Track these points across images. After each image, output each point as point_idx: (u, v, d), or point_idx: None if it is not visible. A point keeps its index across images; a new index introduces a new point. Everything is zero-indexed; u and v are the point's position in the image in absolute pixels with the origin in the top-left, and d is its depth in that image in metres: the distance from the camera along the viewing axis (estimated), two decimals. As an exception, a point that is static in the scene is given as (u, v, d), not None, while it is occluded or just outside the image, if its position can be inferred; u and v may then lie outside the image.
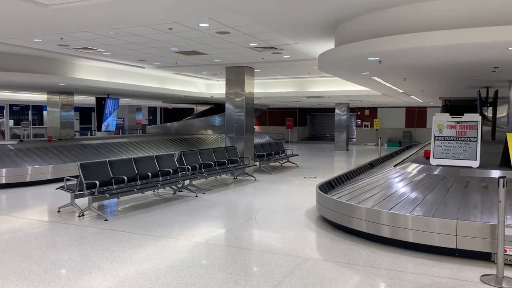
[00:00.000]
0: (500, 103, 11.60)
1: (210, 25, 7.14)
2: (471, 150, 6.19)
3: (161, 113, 35.69)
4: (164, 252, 5.25)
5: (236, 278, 4.40)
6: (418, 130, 27.26)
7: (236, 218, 7.15)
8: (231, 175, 11.88)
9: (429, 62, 6.82)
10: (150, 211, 7.56)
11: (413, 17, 5.72)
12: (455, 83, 10.40)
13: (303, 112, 32.09)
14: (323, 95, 16.98)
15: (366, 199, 6.12)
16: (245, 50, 9.53)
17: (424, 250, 5.20)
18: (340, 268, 4.74)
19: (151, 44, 8.97)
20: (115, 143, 14.35)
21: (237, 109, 12.28)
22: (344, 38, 6.86)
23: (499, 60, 6.52)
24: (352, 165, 14.91)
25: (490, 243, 4.82)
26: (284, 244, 5.63)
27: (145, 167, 8.52)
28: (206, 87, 17.51)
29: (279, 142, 15.78)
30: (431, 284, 4.27)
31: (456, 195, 5.65)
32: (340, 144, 23.43)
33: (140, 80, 13.90)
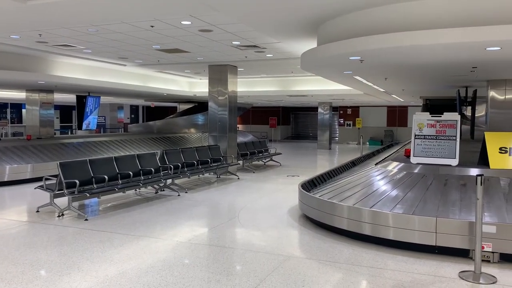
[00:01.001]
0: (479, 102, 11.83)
1: (192, 22, 7.10)
2: (450, 148, 6.29)
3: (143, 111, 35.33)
4: (145, 252, 5.20)
5: (218, 277, 4.38)
6: (399, 129, 27.61)
7: (218, 217, 7.13)
8: (214, 174, 11.84)
9: (409, 62, 6.91)
10: (131, 211, 7.48)
11: (394, 17, 5.77)
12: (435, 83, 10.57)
13: (287, 111, 32.19)
14: (306, 94, 17.06)
15: (347, 197, 6.17)
16: (228, 48, 9.50)
17: (404, 247, 5.27)
18: (322, 266, 4.77)
19: (132, 41, 8.87)
20: (96, 142, 14.16)
21: (220, 108, 12.24)
22: (326, 37, 6.89)
23: (478, 60, 6.64)
24: (335, 163, 15.02)
25: (468, 240, 4.91)
26: (267, 243, 5.63)
27: (126, 166, 8.43)
28: (189, 85, 17.40)
29: (262, 141, 15.80)
30: (411, 281, 4.33)
31: (436, 193, 5.74)
32: (323, 143, 23.58)
33: (121, 78, 13.73)
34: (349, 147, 25.13)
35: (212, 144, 12.30)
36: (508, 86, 9.49)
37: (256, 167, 14.09)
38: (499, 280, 4.36)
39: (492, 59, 6.43)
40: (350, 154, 19.24)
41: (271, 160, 15.21)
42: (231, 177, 11.59)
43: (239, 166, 13.16)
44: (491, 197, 5.44)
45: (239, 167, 13.07)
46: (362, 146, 18.06)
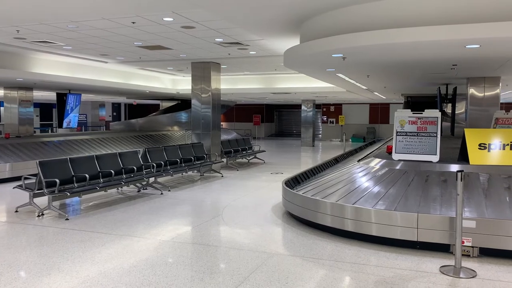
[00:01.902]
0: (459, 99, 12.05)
1: (174, 19, 7.02)
2: (431, 145, 6.37)
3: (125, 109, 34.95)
4: (127, 251, 5.13)
5: (202, 275, 4.36)
6: (381, 126, 27.93)
7: (202, 215, 7.10)
8: (198, 172, 11.78)
9: (391, 59, 6.97)
10: (113, 210, 7.38)
11: (376, 15, 5.81)
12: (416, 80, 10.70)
13: (270, 109, 32.23)
14: (289, 92, 17.09)
15: (330, 193, 6.20)
16: (211, 45, 9.44)
17: (386, 243, 5.33)
18: (305, 262, 4.78)
19: (113, 38, 8.74)
20: (77, 140, 13.94)
21: (204, 105, 12.17)
22: (309, 35, 6.90)
23: (458, 58, 6.74)
24: (318, 160, 15.10)
25: (449, 235, 4.98)
26: (250, 240, 5.62)
27: (108, 165, 8.32)
28: (172, 82, 17.26)
29: (246, 139, 15.77)
30: (393, 276, 4.37)
31: (417, 189, 5.81)
32: (307, 140, 23.69)
33: (102, 75, 13.53)
34: (332, 144, 25.29)
35: (195, 142, 12.22)
36: (487, 84, 9.69)
37: (240, 164, 14.07)
38: (479, 274, 4.44)
39: (471, 56, 6.54)
40: (333, 151, 19.38)
41: (255, 158, 15.21)
42: (215, 175, 11.55)
43: (223, 164, 13.12)
44: (471, 193, 5.53)
45: (222, 165, 13.03)
46: (345, 143, 18.23)
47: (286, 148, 22.23)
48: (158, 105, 24.24)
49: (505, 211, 5.10)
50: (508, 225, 4.82)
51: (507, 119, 7.70)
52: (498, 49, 5.86)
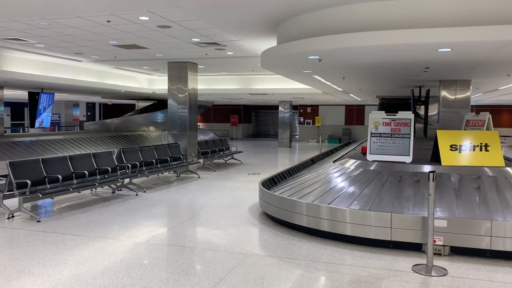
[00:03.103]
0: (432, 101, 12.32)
1: (150, 18, 6.95)
2: (405, 146, 6.50)
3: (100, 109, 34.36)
4: (101, 253, 5.05)
5: (177, 277, 4.32)
6: (356, 127, 28.33)
7: (178, 216, 7.04)
8: (174, 173, 11.68)
9: (365, 61, 7.08)
10: (87, 211, 7.25)
11: (352, 17, 5.89)
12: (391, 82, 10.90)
13: (248, 109, 32.25)
14: (267, 93, 17.14)
15: (306, 194, 6.25)
16: (188, 45, 9.38)
17: (361, 242, 5.40)
18: (281, 263, 4.80)
19: (88, 36, 8.58)
20: (50, 140, 13.63)
21: (180, 106, 12.09)
22: (285, 36, 6.95)
23: (430, 61, 6.91)
24: (295, 161, 15.19)
25: (421, 234, 5.09)
26: (227, 241, 5.61)
27: (81, 165, 8.16)
28: (148, 82, 17.07)
29: (223, 139, 15.74)
30: (367, 276, 4.44)
31: (391, 189, 5.92)
32: (284, 141, 23.81)
33: (76, 74, 13.27)
34: (309, 145, 25.49)
35: (171, 142, 12.12)
36: (458, 87, 9.95)
37: (217, 165, 14.03)
38: (450, 272, 4.56)
39: (443, 60, 6.70)
40: (310, 152, 19.54)
41: (232, 158, 15.19)
42: (192, 176, 11.48)
43: (200, 164, 13.05)
44: (443, 193, 5.67)
45: (199, 165, 12.96)
46: (321, 144, 18.40)
47: (264, 148, 22.28)
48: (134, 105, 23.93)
49: (475, 210, 5.25)
50: (478, 224, 4.96)
51: (477, 121, 7.93)
52: (469, 52, 6.03)
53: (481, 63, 7.00)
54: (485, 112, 7.94)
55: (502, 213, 5.15)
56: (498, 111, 25.45)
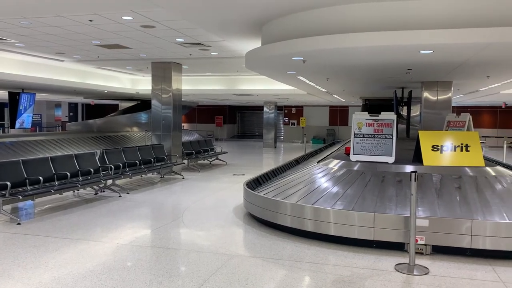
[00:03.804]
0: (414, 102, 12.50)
1: (133, 18, 6.89)
2: (387, 146, 6.58)
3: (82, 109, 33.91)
4: (83, 256, 4.98)
5: (160, 279, 4.29)
6: (340, 128, 28.55)
7: (162, 218, 6.99)
8: (158, 174, 11.59)
9: (348, 63, 7.15)
10: (69, 213, 7.14)
11: (335, 19, 5.94)
12: (374, 83, 11.01)
13: (233, 110, 32.22)
14: (251, 93, 17.16)
15: (291, 194, 6.27)
16: (172, 45, 9.33)
17: (344, 242, 5.44)
18: (265, 263, 4.81)
19: (70, 36, 8.47)
20: (31, 141, 13.38)
21: (164, 106, 12.01)
22: (270, 37, 6.96)
23: (412, 63, 7.00)
24: (280, 161, 15.23)
25: (404, 234, 5.15)
26: (211, 242, 5.59)
27: (63, 167, 8.04)
28: (131, 82, 16.92)
29: (208, 140, 15.69)
30: (350, 275, 4.47)
31: (374, 189, 5.97)
32: (269, 142, 23.86)
33: (58, 74, 13.07)
34: (293, 146, 25.58)
35: (155, 143, 12.03)
36: (440, 88, 10.11)
37: (202, 166, 13.98)
38: (431, 271, 4.62)
39: (425, 61, 6.80)
40: (294, 152, 19.60)
41: (217, 159, 15.14)
42: (176, 177, 11.41)
43: (184, 165, 12.99)
44: (425, 193, 5.75)
45: (184, 166, 12.90)
46: (305, 144, 18.50)
47: (248, 149, 22.28)
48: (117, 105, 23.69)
49: (456, 210, 5.33)
50: (459, 224, 5.04)
51: (458, 122, 8.07)
52: (450, 54, 6.14)
53: (462, 64, 7.12)
54: (465, 113, 8.09)
55: (482, 212, 5.25)
56: (478, 112, 25.93)
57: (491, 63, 7.00)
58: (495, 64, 7.06)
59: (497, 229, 4.96)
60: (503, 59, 6.49)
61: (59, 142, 14.31)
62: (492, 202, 5.45)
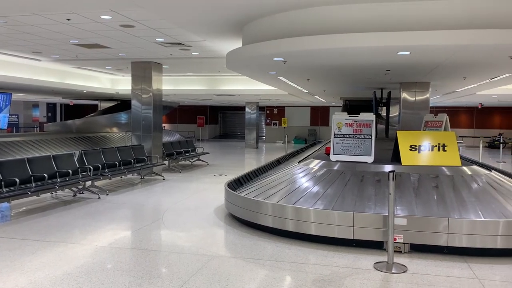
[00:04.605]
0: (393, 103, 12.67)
1: (112, 17, 6.81)
2: (366, 146, 6.66)
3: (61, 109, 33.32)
4: (61, 259, 4.89)
5: (140, 281, 4.25)
6: (321, 128, 28.77)
7: (142, 219, 6.92)
8: (138, 175, 11.48)
9: (328, 64, 7.21)
10: (47, 215, 7.01)
11: (315, 20, 5.98)
12: (353, 84, 11.13)
13: (215, 110, 32.12)
14: (233, 94, 17.14)
15: (272, 194, 6.28)
16: (152, 45, 9.25)
17: (325, 241, 5.48)
18: (246, 264, 4.81)
19: (47, 35, 8.31)
20: (7, 142, 13.09)
21: (144, 106, 11.90)
22: (251, 38, 6.97)
23: (391, 64, 7.10)
24: (261, 162, 15.25)
25: (382, 233, 5.22)
26: (191, 243, 5.57)
27: (40, 168, 7.88)
28: (111, 82, 16.70)
29: (189, 140, 15.61)
30: (330, 274, 4.51)
31: (353, 188, 6.04)
32: (250, 142, 23.87)
33: (35, 73, 12.82)
34: (275, 146, 25.66)
35: (135, 143, 11.91)
36: (418, 89, 10.28)
37: (183, 167, 13.89)
38: (409, 269, 4.69)
39: (403, 63, 6.91)
40: (276, 152, 19.66)
41: (199, 160, 15.08)
42: (156, 178, 11.32)
43: (165, 166, 12.90)
44: (403, 192, 5.84)
45: (164, 167, 12.80)
46: (287, 144, 18.58)
47: (230, 149, 22.25)
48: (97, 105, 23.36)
49: (433, 208, 5.43)
50: (436, 222, 5.14)
51: (435, 122, 8.22)
52: (427, 56, 6.25)
53: (439, 66, 7.26)
54: (442, 114, 8.25)
55: (458, 211, 5.36)
56: (456, 113, 26.47)
57: (467, 65, 7.15)
58: (471, 65, 7.22)
59: (473, 227, 5.07)
60: (478, 60, 6.65)
61: (37, 143, 14.03)
62: (468, 201, 5.57)
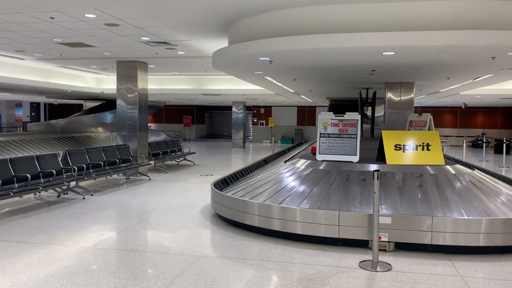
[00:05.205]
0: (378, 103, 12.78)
1: (97, 16, 6.73)
2: (352, 146, 6.70)
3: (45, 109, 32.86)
4: (44, 260, 4.82)
5: (125, 282, 4.21)
6: (308, 127, 28.88)
7: (127, 220, 6.86)
8: (124, 175, 11.38)
9: (313, 63, 7.24)
10: (30, 216, 6.90)
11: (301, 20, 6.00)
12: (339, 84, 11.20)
13: (201, 110, 32.00)
14: (219, 93, 17.09)
15: (258, 194, 6.29)
16: (137, 44, 9.17)
17: (311, 241, 5.51)
18: (232, 263, 4.80)
19: (30, 33, 8.18)
20: (-11, 142, 12.87)
21: (130, 106, 11.79)
22: (237, 37, 6.96)
23: (376, 64, 7.16)
24: (248, 161, 15.25)
25: (368, 231, 5.27)
26: (177, 244, 5.54)
27: (24, 168, 7.76)
28: (96, 81, 16.52)
29: (175, 140, 15.52)
30: (316, 273, 4.53)
31: (339, 188, 6.08)
32: (237, 142, 23.84)
33: (18, 72, 12.60)
34: (262, 146, 25.68)
35: (120, 143, 11.80)
36: (403, 89, 10.38)
37: (169, 167, 13.82)
38: (394, 267, 4.74)
39: (388, 63, 6.97)
40: (263, 152, 19.68)
41: (185, 160, 15.01)
42: (142, 178, 11.23)
43: (151, 166, 12.81)
44: (388, 191, 5.89)
45: (150, 167, 12.71)
46: (273, 144, 18.61)
47: (217, 149, 22.20)
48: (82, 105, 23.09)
49: (417, 207, 5.50)
50: (420, 221, 5.20)
51: (420, 122, 8.32)
52: (411, 56, 6.32)
53: (423, 66, 7.34)
54: (426, 114, 8.34)
55: (442, 209, 5.43)
56: (440, 113, 26.82)
57: (451, 65, 7.25)
58: (455, 66, 7.32)
59: (456, 225, 5.14)
60: (461, 61, 6.74)
61: (20, 143, 13.81)
62: (451, 200, 5.65)
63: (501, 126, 26.57)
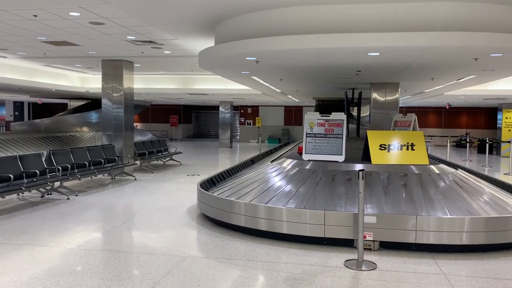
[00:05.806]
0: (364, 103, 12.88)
1: (81, 14, 6.66)
2: (338, 146, 6.75)
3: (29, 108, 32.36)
4: (27, 262, 4.75)
5: (109, 283, 4.17)
6: (295, 127, 28.97)
7: (112, 220, 6.80)
8: (109, 175, 11.27)
9: (299, 64, 7.26)
10: (12, 217, 6.79)
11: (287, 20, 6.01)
12: (325, 84, 11.26)
13: (188, 109, 31.86)
14: (206, 93, 17.04)
15: (245, 194, 6.28)
16: (123, 43, 9.09)
17: (297, 240, 5.53)
18: (218, 264, 4.79)
19: (13, 31, 8.05)
20: (-29, 142, 12.63)
21: (115, 105, 11.68)
22: (223, 37, 6.95)
23: (361, 64, 7.21)
24: (235, 161, 15.23)
25: (353, 231, 5.30)
26: (163, 244, 5.51)
27: (6, 169, 7.64)
28: (81, 80, 16.33)
29: (162, 140, 15.43)
30: (301, 272, 4.55)
31: (325, 187, 6.11)
32: (224, 142, 23.81)
33: (1, 71, 12.39)
34: (249, 145, 25.68)
35: (106, 143, 11.69)
36: (388, 89, 10.48)
37: (155, 167, 13.73)
38: (379, 266, 4.79)
39: (373, 63, 7.03)
40: (250, 152, 19.69)
41: (171, 160, 14.93)
42: (128, 178, 11.14)
43: (137, 166, 12.71)
44: (373, 190, 5.94)
45: (136, 167, 12.62)
46: (260, 144, 18.63)
47: (204, 149, 22.13)
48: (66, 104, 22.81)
49: (401, 206, 5.56)
50: (404, 220, 5.25)
51: (404, 122, 8.41)
52: (396, 57, 6.38)
53: (408, 67, 7.42)
54: (411, 114, 8.44)
55: (426, 208, 5.50)
56: (425, 113, 27.14)
57: (435, 66, 7.34)
58: (439, 66, 7.42)
59: (440, 224, 5.21)
60: (445, 62, 6.83)
61: (2, 143, 13.58)
62: (435, 199, 5.72)
63: (484, 127, 27.00)
